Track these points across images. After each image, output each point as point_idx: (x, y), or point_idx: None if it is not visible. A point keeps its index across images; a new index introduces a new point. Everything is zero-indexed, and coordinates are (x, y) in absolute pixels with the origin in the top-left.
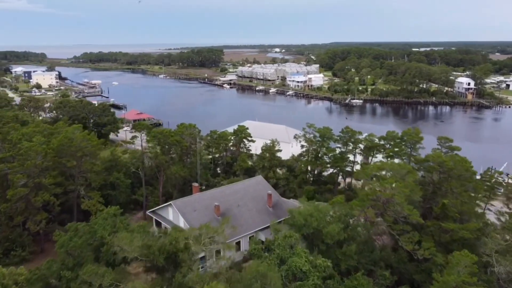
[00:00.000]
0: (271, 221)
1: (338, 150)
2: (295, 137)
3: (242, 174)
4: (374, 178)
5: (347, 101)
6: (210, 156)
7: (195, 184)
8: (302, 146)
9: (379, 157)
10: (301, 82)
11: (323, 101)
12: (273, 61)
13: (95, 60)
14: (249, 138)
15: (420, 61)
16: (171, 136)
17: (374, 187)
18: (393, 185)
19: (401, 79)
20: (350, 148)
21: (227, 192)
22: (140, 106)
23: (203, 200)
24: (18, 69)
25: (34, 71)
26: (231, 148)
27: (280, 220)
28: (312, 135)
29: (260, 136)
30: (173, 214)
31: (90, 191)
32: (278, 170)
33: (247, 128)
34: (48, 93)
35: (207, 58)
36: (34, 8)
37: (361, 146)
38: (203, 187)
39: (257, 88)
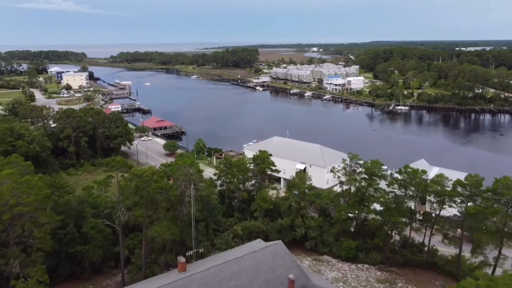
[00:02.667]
0: None
1: (391, 194)
2: (332, 171)
3: (262, 216)
4: None
5: (390, 107)
6: (223, 187)
7: (181, 260)
8: (341, 183)
9: (453, 210)
10: (339, 85)
11: (363, 107)
12: (310, 61)
13: (131, 60)
14: (273, 168)
15: (473, 62)
16: (154, 182)
17: None
18: None
19: (454, 83)
20: (410, 193)
21: (226, 273)
22: (166, 110)
23: None
24: (53, 69)
25: (66, 71)
26: (251, 177)
27: None
28: (355, 168)
29: (289, 156)
30: None
31: (31, 264)
32: (309, 208)
33: (270, 155)
34: (76, 94)
35: (242, 58)
36: (80, 9)
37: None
38: (201, 250)
39: (291, 91)
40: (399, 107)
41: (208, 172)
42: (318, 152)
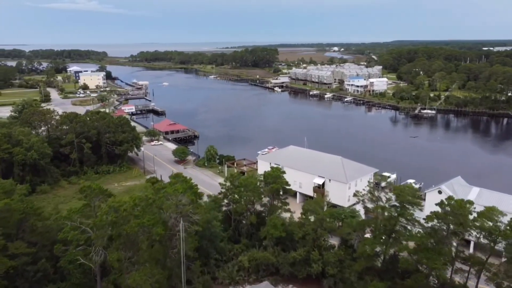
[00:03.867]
0: None
1: (428, 228)
2: (356, 195)
3: (272, 245)
4: None
5: (416, 111)
6: (229, 208)
7: None
8: (367, 210)
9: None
10: (361, 86)
11: (386, 110)
12: (331, 61)
13: (151, 59)
14: (287, 187)
15: (504, 63)
16: (134, 217)
17: None
18: None
19: (485, 86)
20: (452, 229)
21: None
22: (180, 111)
23: None
24: (73, 68)
25: (84, 71)
26: (261, 198)
27: None
28: (381, 192)
29: (307, 169)
30: None
31: None
32: (327, 237)
33: (284, 172)
34: (92, 94)
35: (261, 58)
36: (104, 8)
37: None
38: None
39: (311, 93)
40: (425, 111)
41: (219, 182)
42: (339, 164)
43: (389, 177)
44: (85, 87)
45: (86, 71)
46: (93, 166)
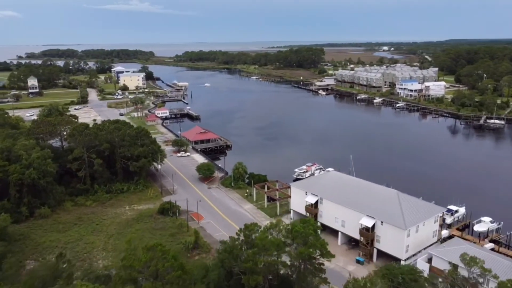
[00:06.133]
0: None
1: None
2: (428, 281)
3: None
4: None
5: (481, 120)
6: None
7: None
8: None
9: None
10: (415, 90)
11: (444, 118)
12: (380, 61)
13: (195, 59)
14: (324, 250)
15: None
16: None
17: None
18: None
19: None
20: None
21: None
22: (215, 117)
23: None
24: (116, 68)
25: (126, 71)
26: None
27: None
28: (472, 273)
29: (351, 204)
30: None
31: None
32: None
33: (319, 228)
34: (130, 96)
35: (306, 58)
36: (155, 9)
37: None
38: None
39: (358, 97)
40: (492, 121)
41: (246, 209)
42: (395, 202)
43: (456, 211)
44: (124, 88)
45: (128, 71)
46: (106, 184)
